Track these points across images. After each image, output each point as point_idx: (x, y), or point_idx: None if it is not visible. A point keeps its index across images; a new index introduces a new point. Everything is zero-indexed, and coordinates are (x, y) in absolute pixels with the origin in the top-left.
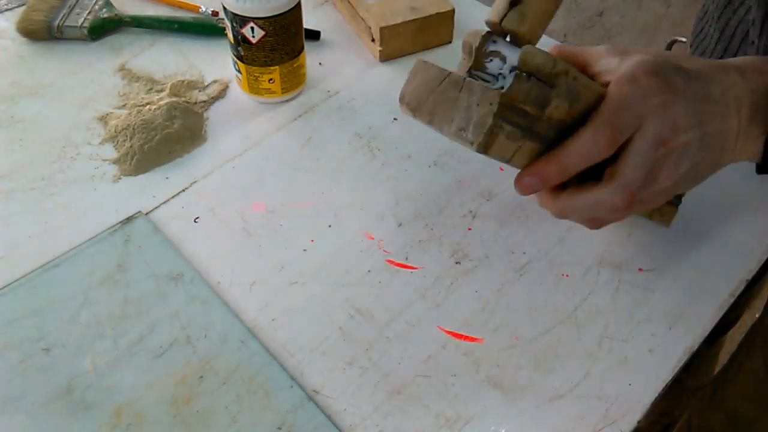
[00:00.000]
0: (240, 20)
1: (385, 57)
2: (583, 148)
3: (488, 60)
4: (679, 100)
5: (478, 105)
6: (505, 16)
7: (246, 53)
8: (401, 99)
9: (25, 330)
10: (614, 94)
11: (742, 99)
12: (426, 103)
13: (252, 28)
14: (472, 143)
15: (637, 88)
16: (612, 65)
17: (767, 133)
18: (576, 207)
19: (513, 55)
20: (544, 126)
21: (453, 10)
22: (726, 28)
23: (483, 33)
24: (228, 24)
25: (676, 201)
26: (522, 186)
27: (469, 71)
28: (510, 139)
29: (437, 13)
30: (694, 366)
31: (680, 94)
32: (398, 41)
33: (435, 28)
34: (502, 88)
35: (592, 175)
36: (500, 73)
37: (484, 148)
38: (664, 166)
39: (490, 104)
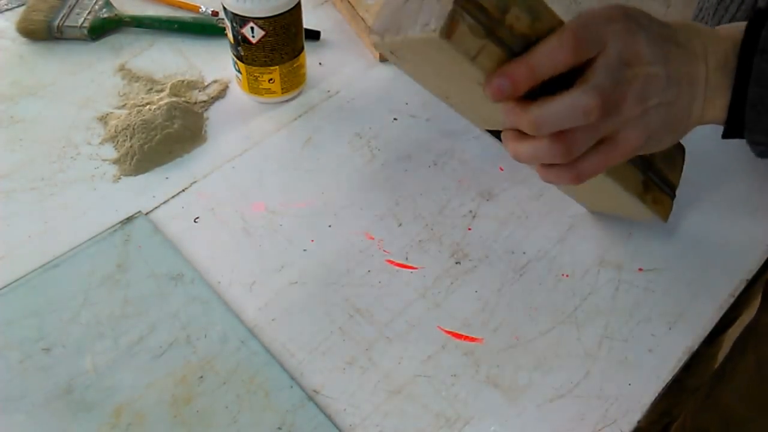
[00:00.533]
0: (240, 20)
1: (385, 57)
2: (550, 50)
3: None
4: (643, 32)
5: (439, 1)
6: None
7: (246, 53)
8: (371, 32)
9: (25, 330)
10: (578, 16)
11: (707, 46)
12: (393, 22)
13: (252, 28)
14: (434, 30)
15: (601, 13)
16: None
17: (735, 87)
18: (548, 114)
19: None
20: (507, 34)
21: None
22: (720, 24)
23: None
24: (228, 24)
25: (670, 192)
26: (492, 89)
27: None
28: (473, 34)
29: None
30: (693, 366)
31: (644, 27)
32: None
33: None
34: None
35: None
36: None
37: (447, 35)
38: (629, 90)
39: None
